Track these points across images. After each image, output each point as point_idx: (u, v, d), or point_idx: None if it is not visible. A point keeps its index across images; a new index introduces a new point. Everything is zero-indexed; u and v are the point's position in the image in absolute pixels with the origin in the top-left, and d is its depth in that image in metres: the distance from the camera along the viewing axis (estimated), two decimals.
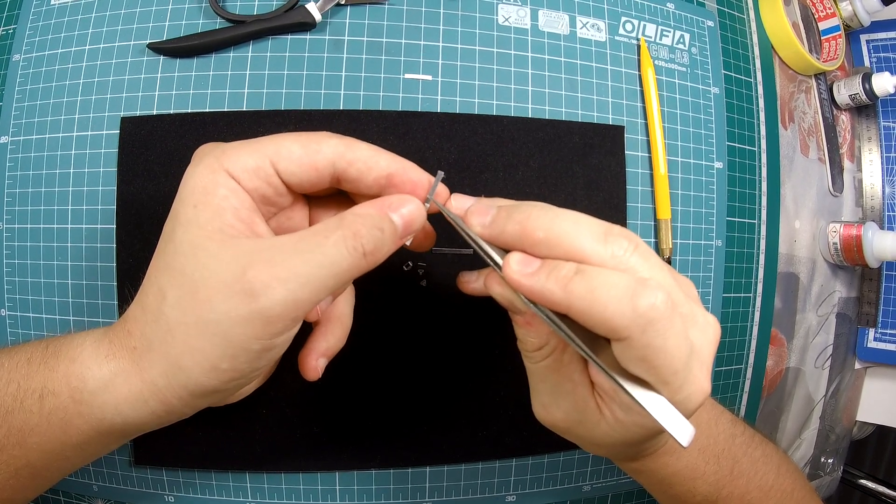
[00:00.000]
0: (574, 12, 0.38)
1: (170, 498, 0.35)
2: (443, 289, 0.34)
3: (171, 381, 0.21)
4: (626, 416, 0.23)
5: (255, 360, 0.21)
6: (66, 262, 0.34)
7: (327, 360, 0.27)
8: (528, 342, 0.25)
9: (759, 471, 0.31)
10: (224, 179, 0.22)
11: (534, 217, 0.21)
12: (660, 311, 0.19)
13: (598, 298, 0.19)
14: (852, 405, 0.55)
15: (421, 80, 0.35)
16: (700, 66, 0.42)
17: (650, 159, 0.39)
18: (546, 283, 0.20)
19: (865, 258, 0.46)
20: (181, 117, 0.34)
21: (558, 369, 0.25)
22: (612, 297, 0.19)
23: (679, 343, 0.20)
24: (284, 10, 0.34)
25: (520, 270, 0.21)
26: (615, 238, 0.21)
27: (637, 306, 0.19)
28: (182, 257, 0.21)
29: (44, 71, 0.35)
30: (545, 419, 0.27)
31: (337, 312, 0.27)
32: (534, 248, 0.21)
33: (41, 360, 0.23)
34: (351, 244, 0.21)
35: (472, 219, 0.23)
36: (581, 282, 0.20)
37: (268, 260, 0.20)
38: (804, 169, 0.47)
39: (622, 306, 0.19)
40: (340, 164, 0.23)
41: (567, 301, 0.20)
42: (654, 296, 0.19)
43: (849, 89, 0.50)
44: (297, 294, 0.20)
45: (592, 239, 0.21)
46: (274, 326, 0.20)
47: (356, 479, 0.35)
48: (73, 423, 0.22)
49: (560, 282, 0.20)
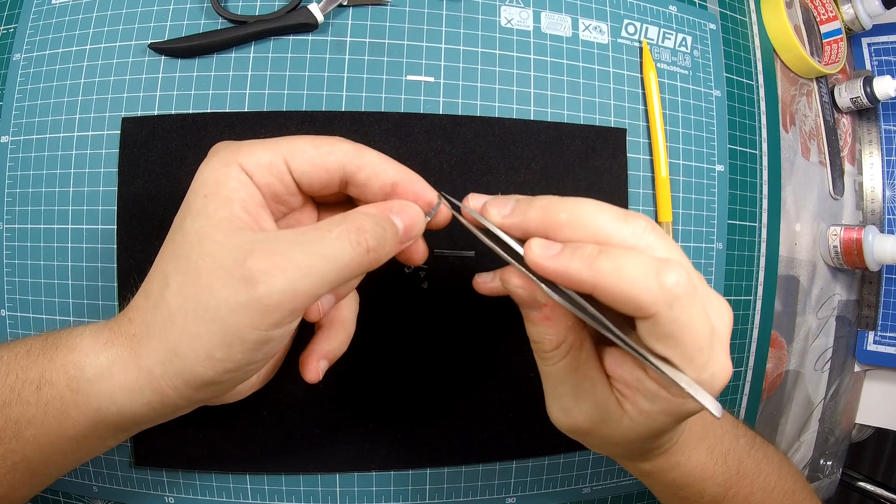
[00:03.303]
0: (577, 14, 0.38)
1: (170, 499, 0.35)
2: (444, 291, 0.34)
3: (167, 369, 0.21)
4: (652, 405, 0.23)
5: (250, 351, 0.21)
6: (67, 263, 0.34)
7: (328, 363, 0.27)
8: (546, 341, 0.24)
9: (762, 471, 0.31)
10: (236, 173, 0.22)
11: (555, 202, 0.22)
12: (684, 288, 0.20)
13: (625, 275, 0.20)
14: (852, 408, 0.55)
15: (423, 82, 0.35)
16: (702, 69, 0.42)
17: (652, 162, 0.39)
18: (571, 262, 0.20)
19: (866, 261, 0.46)
20: (182, 118, 0.33)
21: (576, 368, 0.24)
22: (638, 274, 0.19)
23: (703, 319, 0.20)
24: (286, 10, 0.34)
25: (542, 253, 0.21)
26: (634, 219, 0.22)
27: (663, 282, 0.19)
28: (188, 245, 0.21)
29: (44, 70, 0.35)
30: (566, 423, 0.26)
31: (340, 317, 0.27)
32: (557, 230, 0.22)
33: (40, 351, 0.23)
34: (354, 238, 0.21)
35: (492, 210, 0.23)
36: (606, 260, 0.20)
37: (269, 249, 0.20)
38: (805, 172, 0.47)
39: (649, 282, 0.19)
40: (350, 168, 0.23)
41: (593, 279, 0.20)
42: (678, 272, 0.20)
43: (850, 92, 0.50)
44: (297, 284, 0.20)
45: (613, 219, 0.21)
46: (271, 316, 0.20)
47: (356, 481, 0.35)
48: (70, 415, 0.22)
49: (586, 260, 0.20)
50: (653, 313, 0.20)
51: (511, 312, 0.35)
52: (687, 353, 0.20)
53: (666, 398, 0.22)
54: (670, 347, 0.20)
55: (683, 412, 0.23)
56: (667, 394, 0.22)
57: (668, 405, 0.23)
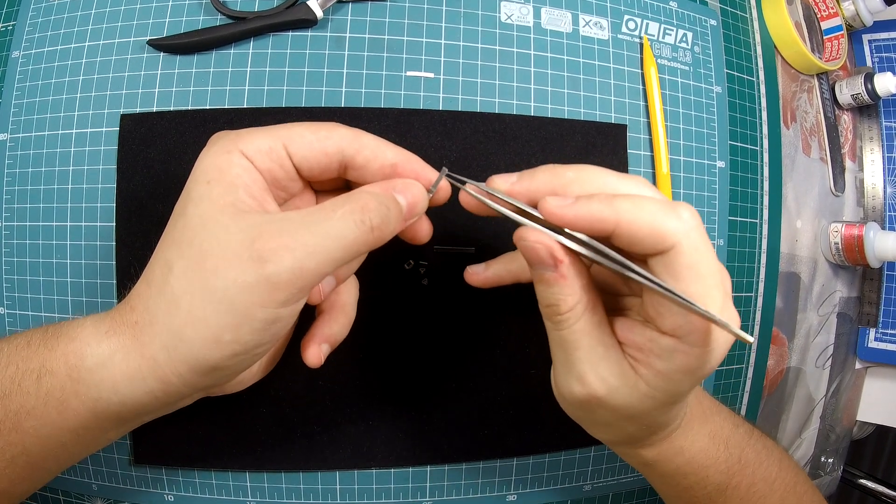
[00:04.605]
0: (577, 10, 0.38)
1: (169, 497, 0.35)
2: (444, 287, 0.34)
3: (171, 356, 0.21)
4: (668, 364, 0.22)
5: (258, 331, 0.21)
6: (66, 260, 0.34)
7: (330, 347, 0.27)
8: (563, 302, 0.23)
9: (763, 462, 0.31)
10: (238, 159, 0.22)
11: (560, 166, 0.24)
12: (698, 220, 0.21)
13: (645, 209, 0.21)
14: (852, 405, 0.55)
15: (423, 78, 0.35)
16: (703, 65, 0.41)
17: (652, 158, 0.39)
18: (591, 204, 0.22)
19: (867, 258, 0.46)
20: (181, 114, 0.33)
21: (591, 331, 0.24)
22: (656, 209, 0.21)
23: (714, 255, 0.22)
24: (286, 6, 0.34)
25: (560, 204, 0.22)
26: (633, 177, 0.24)
27: (679, 214, 0.21)
28: (191, 230, 0.22)
29: (43, 67, 0.34)
30: (580, 392, 0.24)
31: (341, 301, 0.27)
32: (566, 188, 0.23)
33: (41, 342, 0.23)
34: (359, 217, 0.22)
35: (498, 181, 0.24)
36: (625, 200, 0.21)
37: (277, 230, 0.21)
38: (806, 168, 0.47)
39: (666, 215, 0.21)
40: (349, 151, 0.24)
41: (616, 217, 0.21)
42: (689, 208, 0.21)
43: (851, 89, 0.49)
44: (304, 263, 0.21)
45: (616, 176, 0.23)
46: (280, 294, 0.21)
47: (356, 479, 0.35)
48: (70, 405, 0.22)
49: (605, 201, 0.21)
50: (674, 243, 0.21)
51: (511, 309, 0.35)
52: (706, 287, 0.21)
53: (684, 351, 0.22)
54: (692, 281, 0.21)
55: (700, 368, 0.22)
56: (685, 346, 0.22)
57: (685, 361, 0.22)
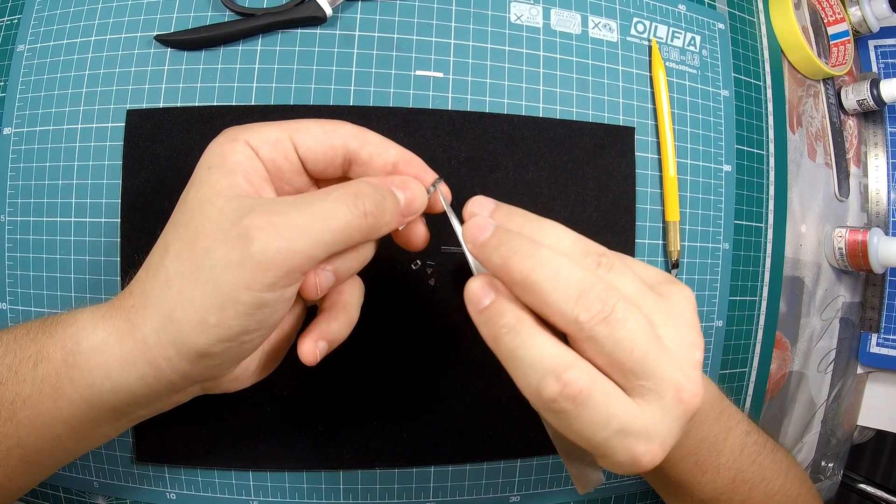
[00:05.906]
0: (586, 12, 0.38)
1: (171, 495, 0.34)
2: (451, 288, 0.34)
3: (160, 338, 0.21)
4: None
5: (243, 315, 0.21)
6: (69, 256, 0.33)
7: (328, 346, 0.25)
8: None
9: (766, 478, 0.31)
10: (241, 147, 0.23)
11: (519, 256, 0.21)
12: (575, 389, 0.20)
13: (518, 366, 0.21)
14: (854, 410, 0.55)
15: (432, 78, 0.35)
16: (710, 69, 0.41)
17: (660, 161, 0.39)
18: (482, 327, 0.22)
19: (871, 264, 0.46)
20: (188, 111, 0.33)
21: None
22: (530, 374, 0.20)
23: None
24: (295, 3, 0.33)
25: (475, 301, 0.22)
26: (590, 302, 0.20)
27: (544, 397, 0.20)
28: (189, 213, 0.22)
29: (48, 62, 0.34)
30: None
31: (343, 301, 0.26)
32: (509, 286, 0.22)
33: (41, 329, 0.23)
34: (351, 201, 0.22)
35: (468, 233, 0.23)
36: (510, 338, 0.21)
37: (267, 210, 0.21)
38: (811, 173, 0.47)
39: (535, 386, 0.20)
40: (353, 146, 0.24)
41: (496, 350, 0.22)
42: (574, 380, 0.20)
43: (857, 94, 0.50)
44: (292, 243, 0.20)
45: (565, 300, 0.20)
46: (265, 275, 0.20)
47: (360, 479, 0.35)
48: (65, 392, 0.22)
49: (494, 329, 0.21)
50: None
51: None
52: None
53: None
54: None
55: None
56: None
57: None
